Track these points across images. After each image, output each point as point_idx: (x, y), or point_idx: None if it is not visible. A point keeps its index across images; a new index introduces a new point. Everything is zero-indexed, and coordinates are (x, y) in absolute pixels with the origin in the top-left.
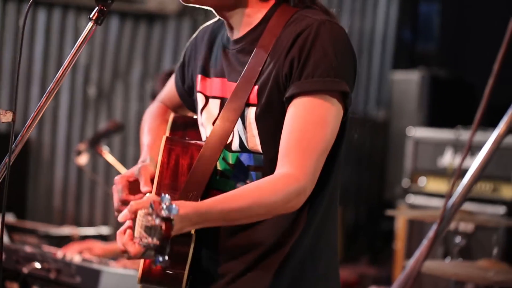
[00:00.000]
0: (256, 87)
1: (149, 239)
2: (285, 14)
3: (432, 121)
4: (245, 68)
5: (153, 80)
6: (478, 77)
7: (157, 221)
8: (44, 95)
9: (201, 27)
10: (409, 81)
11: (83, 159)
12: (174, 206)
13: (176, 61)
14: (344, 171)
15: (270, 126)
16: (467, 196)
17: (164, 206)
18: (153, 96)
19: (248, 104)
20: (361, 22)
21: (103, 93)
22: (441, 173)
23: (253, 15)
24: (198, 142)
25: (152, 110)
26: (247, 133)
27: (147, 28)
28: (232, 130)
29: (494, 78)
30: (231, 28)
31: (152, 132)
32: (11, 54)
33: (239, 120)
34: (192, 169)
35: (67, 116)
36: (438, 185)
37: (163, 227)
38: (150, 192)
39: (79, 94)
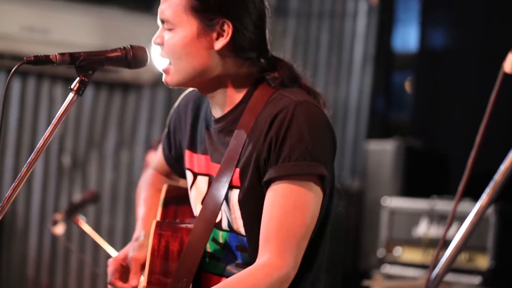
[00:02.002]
0: (238, 170)
1: None
2: (264, 94)
3: (407, 191)
4: (227, 150)
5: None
6: (452, 147)
7: None
8: (25, 166)
9: (183, 94)
10: (383, 151)
11: (59, 229)
12: None
13: (151, 130)
14: None
15: (253, 209)
16: (450, 267)
17: None
18: (146, 165)
19: (231, 187)
20: (335, 92)
21: (77, 162)
22: (417, 243)
23: (234, 95)
24: (188, 225)
25: (146, 179)
26: (232, 215)
27: (122, 98)
28: (217, 214)
29: (476, 149)
30: (214, 105)
31: (146, 203)
32: None
33: (224, 201)
34: (182, 256)
35: (42, 185)
36: (414, 255)
37: None
38: (137, 285)
39: (54, 163)
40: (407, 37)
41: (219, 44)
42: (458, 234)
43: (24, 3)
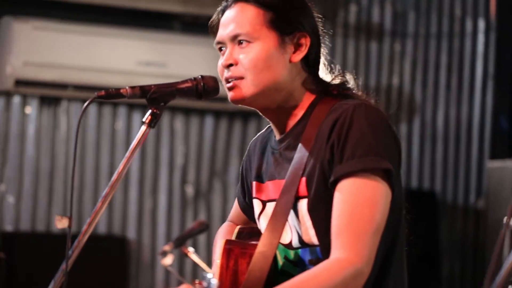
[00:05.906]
0: (304, 179)
1: None
2: (325, 106)
3: None
4: (292, 163)
5: None
6: None
7: None
8: (100, 200)
9: (252, 141)
10: (505, 170)
11: (168, 260)
12: None
13: None
14: (449, 262)
15: (323, 215)
16: None
17: None
18: None
19: (298, 197)
20: (457, 112)
21: (200, 192)
22: None
23: (297, 112)
24: (256, 242)
25: (222, 230)
26: (302, 227)
27: (243, 126)
28: (285, 224)
29: None
30: (277, 127)
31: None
32: (107, 159)
33: (293, 214)
34: (249, 269)
35: (166, 217)
36: None
37: None
38: None
39: (177, 194)
40: None
41: (297, 57)
42: None
43: (140, 38)
